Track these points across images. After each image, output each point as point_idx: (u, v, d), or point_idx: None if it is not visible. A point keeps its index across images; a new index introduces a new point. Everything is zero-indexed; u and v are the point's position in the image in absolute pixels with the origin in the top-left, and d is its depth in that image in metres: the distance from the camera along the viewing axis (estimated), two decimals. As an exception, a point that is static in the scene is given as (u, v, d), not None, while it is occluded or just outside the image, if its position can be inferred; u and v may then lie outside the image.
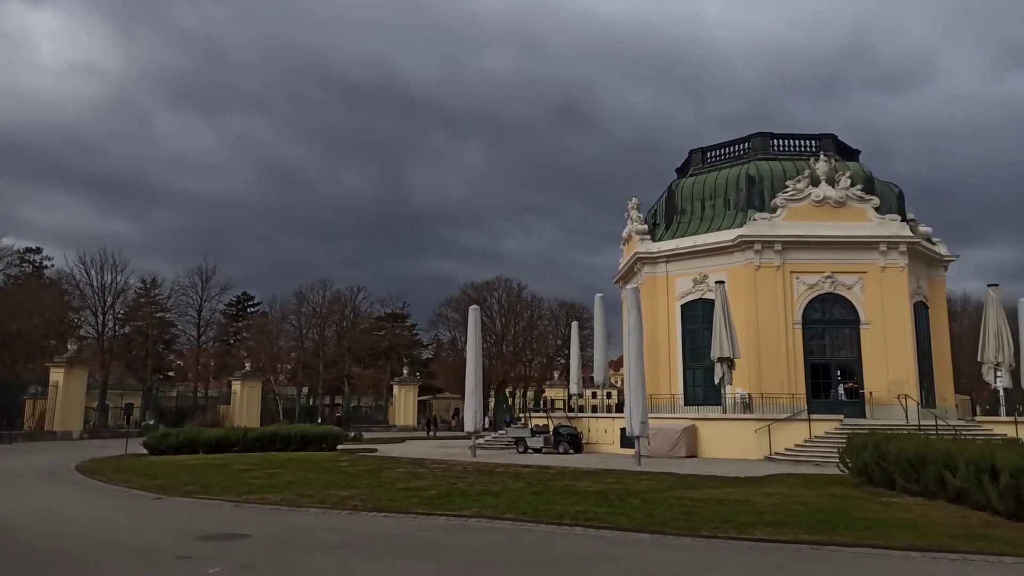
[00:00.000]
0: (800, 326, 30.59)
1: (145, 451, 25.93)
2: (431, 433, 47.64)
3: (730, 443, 25.92)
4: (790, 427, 25.68)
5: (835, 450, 19.47)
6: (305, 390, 66.21)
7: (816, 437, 25.12)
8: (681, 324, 33.37)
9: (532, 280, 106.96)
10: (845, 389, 30.17)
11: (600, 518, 11.52)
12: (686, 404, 31.43)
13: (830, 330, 31.03)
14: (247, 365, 51.58)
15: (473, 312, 29.36)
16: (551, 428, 29.67)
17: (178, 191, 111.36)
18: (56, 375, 38.53)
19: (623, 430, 25.65)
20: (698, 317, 32.49)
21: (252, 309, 76.85)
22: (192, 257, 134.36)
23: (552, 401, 37.54)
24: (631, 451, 23.65)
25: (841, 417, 26.27)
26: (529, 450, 28.07)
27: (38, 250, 64.05)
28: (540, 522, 11.43)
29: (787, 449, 24.85)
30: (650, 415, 24.63)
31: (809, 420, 25.84)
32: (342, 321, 70.99)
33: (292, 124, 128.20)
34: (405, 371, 59.78)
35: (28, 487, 17.01)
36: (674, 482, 16.74)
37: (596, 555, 9.29)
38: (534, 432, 29.34)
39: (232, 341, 73.08)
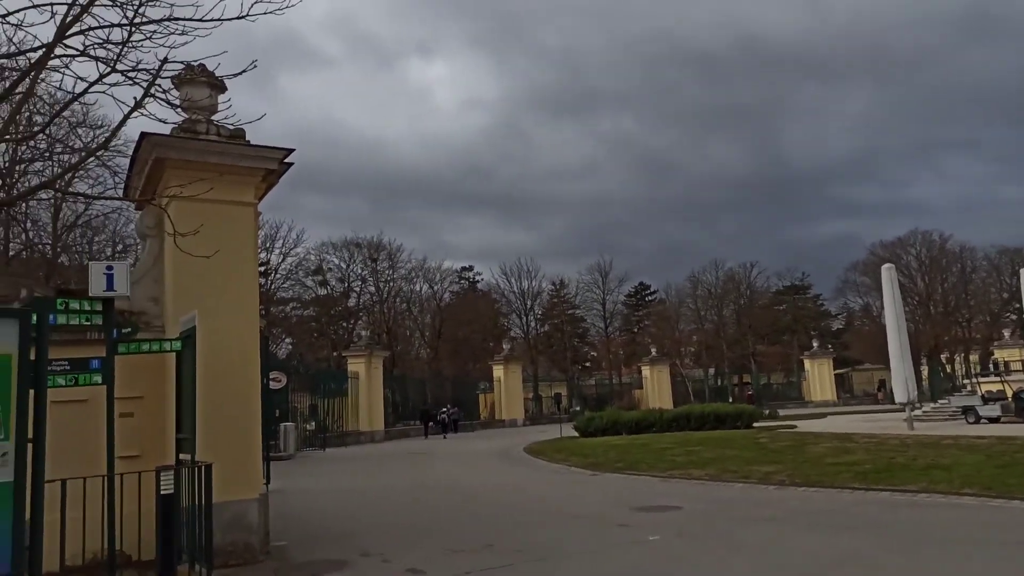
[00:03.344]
0: None
1: (576, 434, 28.72)
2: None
3: None
4: None
5: None
6: (711, 371, 66.66)
7: None
8: None
9: (956, 228, 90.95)
10: None
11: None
12: None
13: None
14: (652, 351, 53.83)
15: (887, 271, 26.36)
16: (1009, 394, 25.08)
17: (562, 196, 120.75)
18: (498, 371, 45.33)
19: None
20: None
21: (650, 297, 79.87)
22: (586, 256, 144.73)
23: (1007, 363, 31.56)
24: None
25: None
26: (982, 420, 24.16)
27: (470, 267, 75.43)
28: (1013, 498, 9.67)
29: None
30: None
31: None
32: (739, 299, 70.11)
33: (655, 111, 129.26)
34: (815, 344, 56.25)
35: (488, 465, 20.10)
36: None
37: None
38: (986, 399, 25.15)
39: (636, 329, 77.10)
